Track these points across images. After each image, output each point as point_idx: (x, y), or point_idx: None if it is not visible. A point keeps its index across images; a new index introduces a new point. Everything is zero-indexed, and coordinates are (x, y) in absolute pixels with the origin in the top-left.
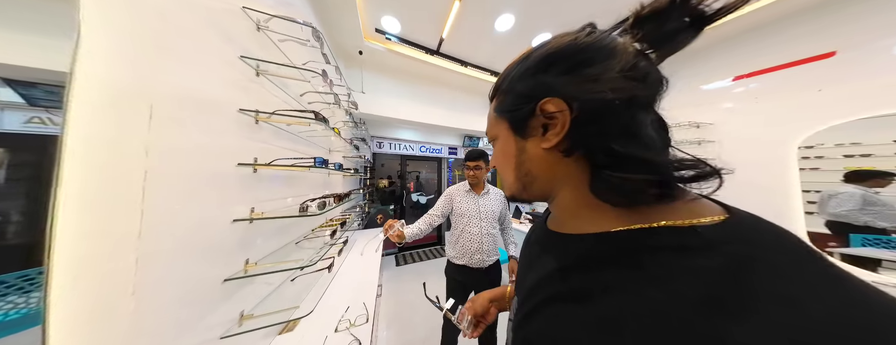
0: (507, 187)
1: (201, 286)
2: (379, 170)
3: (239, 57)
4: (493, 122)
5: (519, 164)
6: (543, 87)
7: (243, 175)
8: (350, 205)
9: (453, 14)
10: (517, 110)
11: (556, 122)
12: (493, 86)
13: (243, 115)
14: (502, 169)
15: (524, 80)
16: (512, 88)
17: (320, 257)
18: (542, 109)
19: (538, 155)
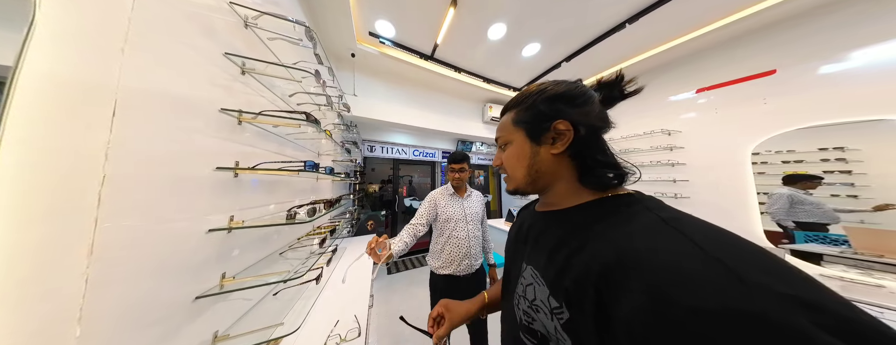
0: (515, 182)
1: (167, 306)
2: (370, 174)
3: (223, 54)
4: (509, 129)
5: (531, 164)
6: (558, 111)
7: (222, 180)
8: (340, 211)
9: (448, 21)
10: (536, 124)
11: (564, 136)
12: (511, 101)
13: (225, 115)
14: (514, 167)
15: (545, 104)
16: (534, 107)
17: (307, 268)
18: (555, 126)
19: (547, 158)
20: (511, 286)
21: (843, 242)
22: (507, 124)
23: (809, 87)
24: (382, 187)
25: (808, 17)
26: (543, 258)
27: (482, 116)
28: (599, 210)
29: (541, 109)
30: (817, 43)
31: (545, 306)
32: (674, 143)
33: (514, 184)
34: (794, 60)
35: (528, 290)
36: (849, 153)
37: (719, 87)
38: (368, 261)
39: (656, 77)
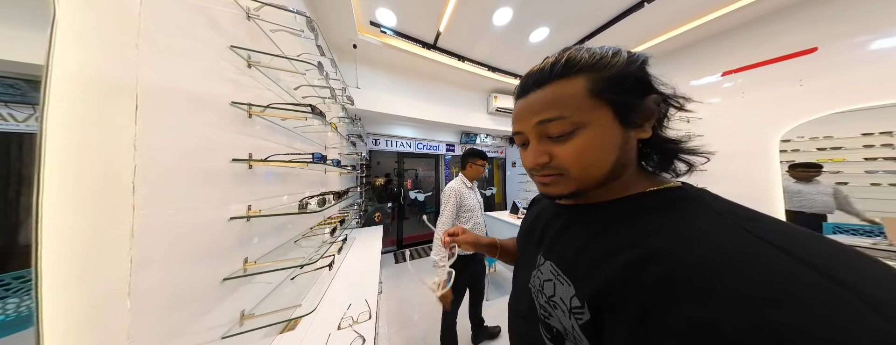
0: (588, 179)
1: (201, 286)
2: (375, 168)
3: (229, 47)
4: (581, 105)
5: (622, 154)
6: (653, 83)
7: (238, 171)
8: (348, 203)
9: (451, 6)
10: (631, 100)
11: (653, 116)
12: (568, 64)
13: (236, 108)
14: (594, 160)
15: (641, 72)
16: (627, 75)
17: (320, 255)
18: (648, 103)
19: (633, 146)
20: (523, 276)
21: (879, 234)
22: (577, 98)
23: (854, 65)
24: (388, 181)
25: None
26: (569, 254)
27: (487, 106)
28: (647, 204)
29: (637, 75)
30: (865, 17)
31: (564, 304)
32: (692, 130)
33: (578, 185)
34: (838, 36)
35: (546, 285)
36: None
37: (749, 69)
38: (375, 251)
39: (676, 60)
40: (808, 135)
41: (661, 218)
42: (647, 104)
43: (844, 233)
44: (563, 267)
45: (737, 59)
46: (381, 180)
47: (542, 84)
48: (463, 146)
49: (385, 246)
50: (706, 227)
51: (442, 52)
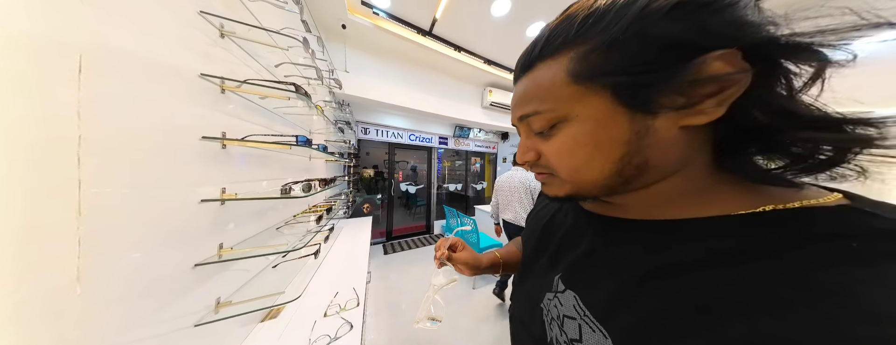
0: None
1: (169, 271)
2: (364, 158)
3: (198, 12)
4: (563, 96)
5: (630, 153)
6: (708, 31)
7: (210, 151)
8: (335, 192)
9: None
10: (653, 72)
11: (733, 85)
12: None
13: (206, 81)
14: (582, 162)
15: (666, 22)
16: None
17: (305, 244)
18: (707, 68)
19: (670, 137)
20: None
21: None
22: (556, 85)
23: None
24: (378, 172)
25: None
26: (603, 297)
27: (481, 100)
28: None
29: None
30: None
31: None
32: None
33: (572, 188)
34: None
35: (567, 323)
36: None
37: None
38: (364, 239)
39: None
40: None
41: (802, 263)
42: (703, 70)
43: None
44: (593, 311)
45: None
46: (371, 171)
47: (528, 68)
48: (457, 140)
49: (374, 237)
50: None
51: (437, 39)
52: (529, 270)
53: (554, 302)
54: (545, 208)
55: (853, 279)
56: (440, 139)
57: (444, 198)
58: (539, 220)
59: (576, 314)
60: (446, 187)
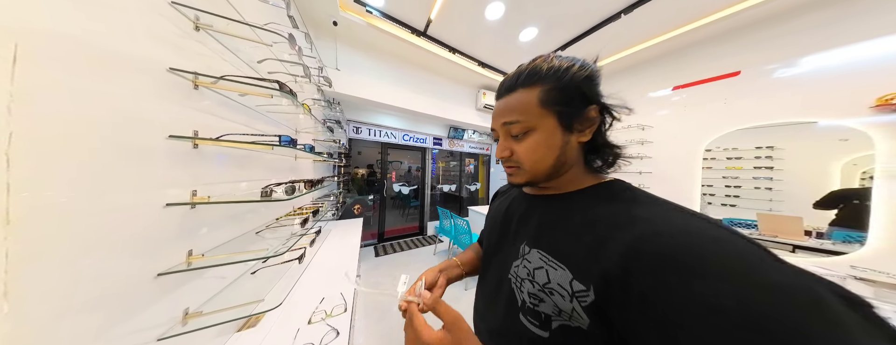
0: (533, 174)
1: (125, 282)
2: (356, 158)
3: (170, 3)
4: (534, 113)
5: (561, 154)
6: (594, 96)
7: (179, 151)
8: (323, 193)
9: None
10: (572, 108)
11: (594, 124)
12: (525, 76)
13: (176, 76)
14: (539, 159)
15: (585, 85)
16: (571, 87)
17: (288, 248)
18: (589, 113)
19: (574, 146)
20: (496, 272)
21: (754, 227)
22: (530, 106)
23: (764, 89)
24: (371, 172)
25: (774, 20)
26: (561, 242)
27: (476, 102)
28: (610, 195)
29: (581, 89)
30: (777, 47)
31: (564, 289)
32: (645, 137)
33: (528, 176)
34: (757, 63)
35: (538, 274)
36: (776, 152)
37: (692, 85)
38: (353, 242)
39: (640, 72)
40: (722, 146)
41: (624, 205)
42: (588, 114)
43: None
44: (555, 254)
45: (686, 75)
46: (363, 171)
47: (511, 90)
48: (451, 141)
49: (365, 239)
50: (670, 213)
51: (432, 40)
52: (494, 255)
53: (521, 265)
54: (498, 208)
55: (629, 208)
56: (434, 140)
57: (437, 199)
58: (496, 218)
59: (543, 264)
60: (440, 188)
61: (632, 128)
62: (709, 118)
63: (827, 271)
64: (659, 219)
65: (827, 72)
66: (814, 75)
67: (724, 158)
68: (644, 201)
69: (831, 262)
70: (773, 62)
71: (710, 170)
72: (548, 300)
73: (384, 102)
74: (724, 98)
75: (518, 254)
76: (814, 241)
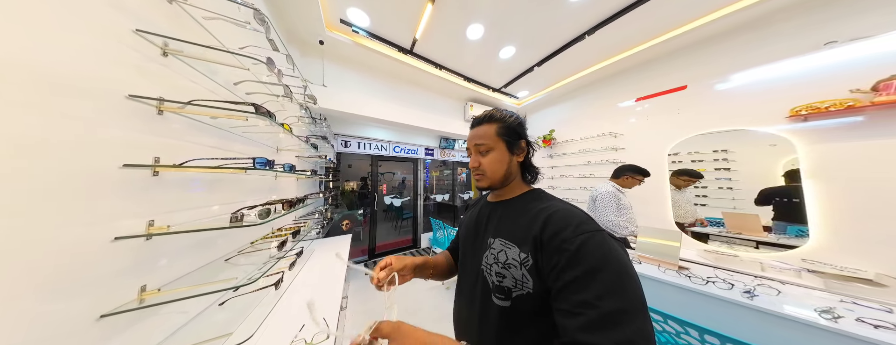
0: (491, 180)
1: (54, 329)
2: (346, 171)
3: (134, 30)
4: (493, 139)
5: (508, 168)
6: (522, 133)
7: (134, 179)
8: (308, 211)
9: (426, 16)
10: (513, 139)
11: (524, 151)
12: (488, 116)
13: (136, 102)
14: (495, 169)
15: (520, 127)
16: (512, 127)
17: (263, 273)
18: (521, 143)
19: (515, 164)
20: (472, 266)
21: (722, 225)
22: (491, 134)
23: (708, 100)
24: (362, 185)
25: (711, 41)
26: (511, 228)
27: (464, 113)
28: (535, 197)
29: (517, 130)
30: (714, 64)
31: (516, 260)
32: (618, 144)
33: (489, 182)
34: (700, 78)
35: (500, 255)
36: (729, 155)
37: (650, 97)
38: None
39: (609, 85)
40: (685, 150)
41: (542, 202)
42: (520, 144)
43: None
44: (508, 237)
45: (647, 88)
46: (354, 185)
47: (480, 123)
48: (443, 151)
49: (354, 256)
50: (561, 204)
51: (418, 57)
52: (470, 255)
53: (489, 254)
54: (470, 217)
55: (543, 203)
56: (426, 151)
57: (432, 209)
58: (469, 223)
59: (503, 247)
60: (434, 198)
61: (605, 136)
62: (668, 126)
63: (785, 265)
64: (555, 206)
65: (752, 86)
66: (743, 89)
67: (689, 161)
68: (551, 199)
69: (787, 255)
70: (712, 77)
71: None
72: (508, 275)
73: (373, 116)
74: (678, 108)
75: (486, 246)
76: (773, 236)
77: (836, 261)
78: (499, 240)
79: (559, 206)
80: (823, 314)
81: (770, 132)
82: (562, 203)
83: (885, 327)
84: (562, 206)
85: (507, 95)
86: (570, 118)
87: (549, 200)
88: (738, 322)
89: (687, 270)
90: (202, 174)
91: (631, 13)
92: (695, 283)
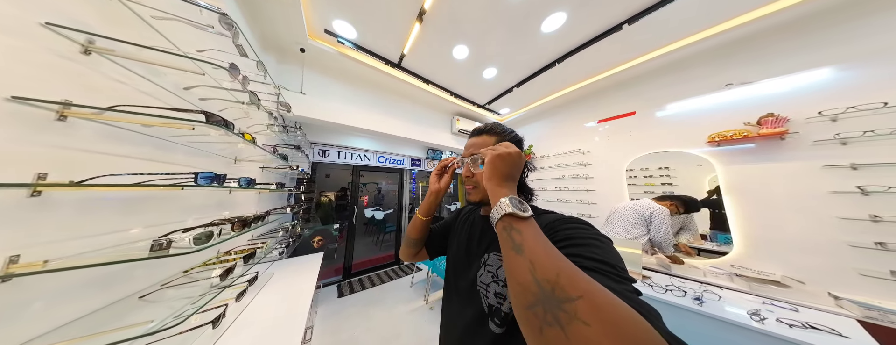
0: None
1: None
2: (323, 182)
3: (42, 23)
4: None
5: None
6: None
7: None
8: (270, 227)
9: (414, 34)
10: None
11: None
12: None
13: (23, 106)
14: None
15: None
16: (510, 138)
17: (197, 309)
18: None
19: None
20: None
21: None
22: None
23: (652, 125)
24: (341, 196)
25: (653, 75)
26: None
27: (451, 127)
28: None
29: (513, 141)
30: (654, 95)
31: None
32: (586, 160)
33: (481, 195)
34: (646, 105)
35: (499, 272)
36: (671, 171)
37: (609, 120)
38: (307, 286)
39: (578, 107)
40: (638, 167)
41: (538, 212)
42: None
43: None
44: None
45: (607, 111)
46: (331, 196)
47: (480, 134)
48: (430, 162)
49: (327, 277)
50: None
51: (406, 72)
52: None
53: (485, 271)
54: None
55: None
56: (413, 161)
57: None
58: (464, 243)
59: (500, 263)
60: None
61: (575, 152)
62: (625, 145)
63: (719, 270)
64: (557, 215)
65: (681, 115)
66: (675, 117)
67: (642, 176)
68: (549, 211)
69: (721, 262)
70: (653, 106)
71: (634, 186)
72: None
73: (357, 125)
74: (630, 131)
75: (480, 263)
76: (709, 244)
77: (755, 265)
78: (494, 254)
79: (560, 215)
80: (754, 317)
81: (696, 154)
82: (555, 213)
83: (797, 327)
84: (562, 215)
85: (491, 112)
86: (546, 135)
87: (548, 212)
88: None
89: (649, 278)
90: (119, 192)
91: (589, 49)
92: (657, 292)
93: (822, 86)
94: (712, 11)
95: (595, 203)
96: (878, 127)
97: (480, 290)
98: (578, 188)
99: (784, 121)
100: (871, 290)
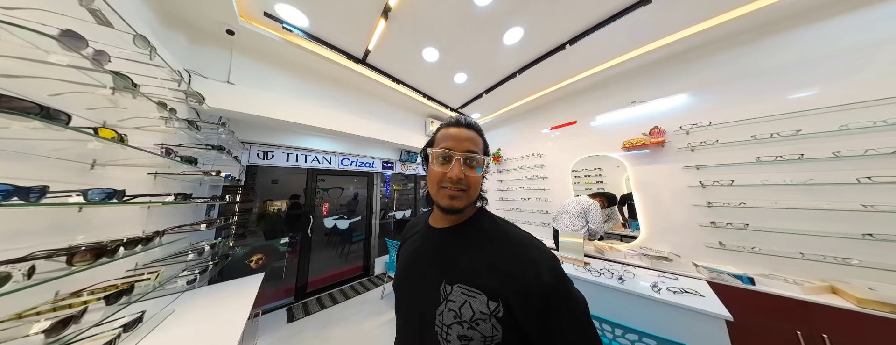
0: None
1: None
2: (269, 188)
3: None
4: (481, 154)
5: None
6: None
7: None
8: (180, 247)
9: (379, 31)
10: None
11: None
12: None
13: None
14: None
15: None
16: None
17: None
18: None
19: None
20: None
21: None
22: (480, 148)
23: (588, 133)
24: (293, 204)
25: (586, 91)
26: (473, 268)
27: (425, 129)
28: (487, 221)
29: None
30: (588, 107)
31: (485, 313)
32: (542, 162)
33: (467, 201)
34: (583, 115)
35: (463, 310)
36: (602, 172)
37: (558, 127)
38: (235, 315)
39: (536, 115)
40: (580, 168)
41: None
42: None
43: None
44: (471, 283)
45: (558, 119)
46: (282, 205)
47: (469, 128)
48: (404, 164)
49: (273, 300)
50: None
51: (373, 69)
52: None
53: (446, 309)
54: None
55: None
56: (385, 164)
57: (391, 228)
58: (405, 264)
59: (465, 298)
60: (393, 215)
61: (534, 155)
62: (570, 150)
63: (633, 252)
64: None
65: (606, 125)
66: (602, 127)
67: (583, 175)
68: (501, 221)
69: (634, 245)
70: (588, 116)
71: (578, 184)
72: (476, 336)
73: (310, 123)
74: (574, 137)
75: (440, 297)
76: (628, 230)
77: (654, 246)
78: (458, 287)
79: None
80: (654, 288)
81: (615, 157)
82: (515, 228)
83: (678, 293)
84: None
85: (463, 116)
86: (511, 139)
87: (501, 223)
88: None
89: (589, 264)
90: None
91: (542, 63)
92: (594, 276)
93: (683, 106)
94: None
95: (550, 201)
96: (708, 138)
97: (438, 332)
98: (538, 188)
99: (663, 132)
100: (716, 257)
